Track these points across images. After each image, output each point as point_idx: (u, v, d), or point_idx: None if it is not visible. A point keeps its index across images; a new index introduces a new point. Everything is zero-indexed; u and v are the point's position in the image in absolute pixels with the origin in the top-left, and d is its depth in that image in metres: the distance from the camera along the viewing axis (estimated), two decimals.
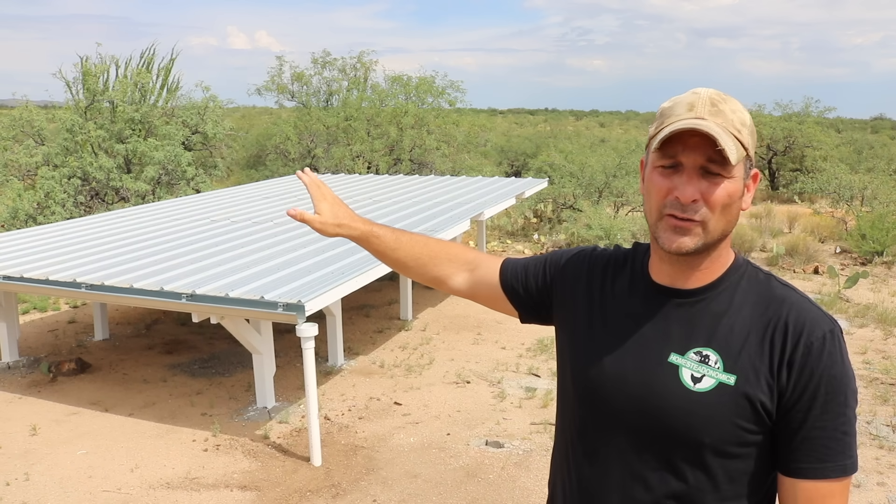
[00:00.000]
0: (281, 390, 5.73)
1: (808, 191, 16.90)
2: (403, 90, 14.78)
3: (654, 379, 1.27)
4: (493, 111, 67.59)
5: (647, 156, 1.30)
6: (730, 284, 1.30)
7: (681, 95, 1.27)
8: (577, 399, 1.39)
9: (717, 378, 1.22)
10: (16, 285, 5.49)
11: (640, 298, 1.35)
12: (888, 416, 5.20)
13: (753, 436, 1.22)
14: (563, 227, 11.94)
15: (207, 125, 13.18)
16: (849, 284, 8.51)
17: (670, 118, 1.23)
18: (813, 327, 1.22)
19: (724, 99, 1.23)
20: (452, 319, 7.70)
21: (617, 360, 1.32)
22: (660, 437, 1.26)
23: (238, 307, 4.66)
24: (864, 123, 50.21)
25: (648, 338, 1.31)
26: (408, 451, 4.82)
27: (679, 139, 1.21)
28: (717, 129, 1.18)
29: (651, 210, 1.27)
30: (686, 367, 1.25)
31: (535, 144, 21.78)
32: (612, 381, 1.32)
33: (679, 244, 1.23)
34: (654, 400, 1.26)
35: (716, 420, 1.21)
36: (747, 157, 1.24)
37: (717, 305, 1.28)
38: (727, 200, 1.22)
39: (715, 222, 1.22)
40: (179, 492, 4.31)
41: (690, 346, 1.26)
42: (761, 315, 1.25)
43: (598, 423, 1.34)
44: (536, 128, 41.39)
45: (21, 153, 12.33)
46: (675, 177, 1.22)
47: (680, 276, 1.31)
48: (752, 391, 1.21)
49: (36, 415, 5.41)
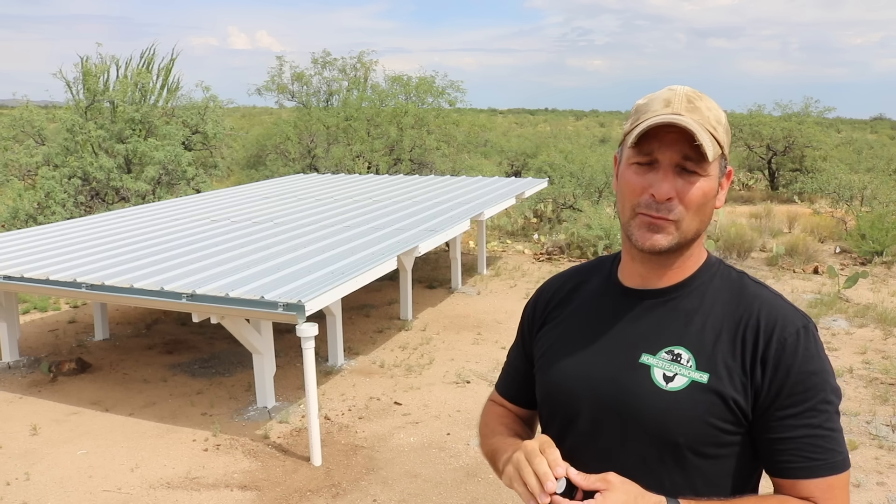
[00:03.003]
0: (281, 390, 5.74)
1: (808, 191, 16.90)
2: (403, 90, 14.77)
3: (627, 380, 1.25)
4: (493, 111, 67.62)
5: (622, 152, 1.28)
6: (701, 283, 1.28)
7: (656, 92, 1.25)
8: (551, 407, 1.37)
9: (689, 377, 1.20)
10: (16, 285, 5.50)
11: (609, 302, 1.34)
12: (888, 416, 5.21)
13: (729, 436, 1.20)
14: (563, 227, 11.94)
15: (207, 125, 13.19)
16: (848, 284, 8.51)
17: (646, 114, 1.21)
18: (785, 324, 1.20)
19: (699, 96, 1.23)
20: (452, 319, 7.70)
21: (589, 364, 1.30)
22: (634, 438, 1.23)
23: (238, 307, 4.66)
24: (863, 123, 50.22)
25: (619, 340, 1.29)
26: (408, 450, 4.82)
27: (655, 136, 1.19)
28: (695, 125, 1.17)
29: (624, 208, 1.25)
30: (658, 367, 1.23)
31: (535, 144, 21.77)
32: (584, 385, 1.29)
33: (653, 242, 1.22)
34: (628, 401, 1.23)
35: (689, 419, 1.19)
36: (722, 156, 1.24)
37: (689, 304, 1.27)
38: (702, 199, 1.21)
39: (689, 221, 1.21)
40: (179, 491, 4.31)
41: (662, 346, 1.24)
42: (733, 313, 1.24)
43: (574, 428, 1.31)
44: (536, 128, 41.39)
45: (21, 153, 12.34)
46: (650, 174, 1.21)
47: (652, 276, 1.30)
48: (725, 389, 1.18)
49: (36, 415, 5.41)
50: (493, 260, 10.66)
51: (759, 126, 19.58)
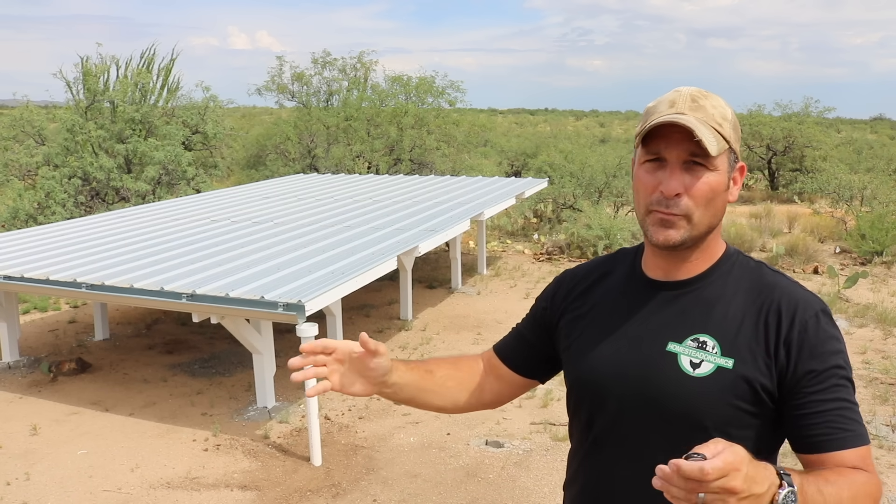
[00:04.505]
0: (281, 390, 5.74)
1: (808, 191, 16.90)
2: (403, 90, 14.77)
3: (654, 368, 1.30)
4: (493, 111, 67.60)
5: (636, 154, 1.34)
6: (721, 273, 1.34)
7: (665, 94, 1.31)
8: (580, 398, 1.43)
9: (715, 362, 1.26)
10: (16, 285, 5.50)
11: (634, 293, 1.40)
12: (888, 415, 5.21)
13: (752, 418, 1.26)
14: (563, 227, 11.94)
15: (208, 125, 13.19)
16: (848, 284, 8.52)
17: (653, 115, 1.27)
18: (805, 307, 1.26)
19: (705, 95, 1.28)
20: (452, 319, 7.70)
21: (617, 353, 1.36)
22: (663, 423, 1.29)
23: (238, 307, 4.66)
24: (863, 123, 50.23)
25: (646, 329, 1.35)
26: (408, 450, 4.82)
27: (662, 135, 1.25)
28: (696, 122, 1.22)
29: (639, 206, 1.32)
30: (684, 354, 1.29)
31: (535, 144, 21.77)
32: (614, 373, 1.35)
33: (666, 237, 1.28)
34: (656, 388, 1.29)
35: (717, 403, 1.25)
36: (731, 150, 1.29)
37: (711, 293, 1.32)
38: (710, 193, 1.26)
39: (700, 215, 1.27)
40: (179, 492, 4.32)
41: (687, 334, 1.30)
42: (754, 301, 1.29)
43: (603, 414, 1.37)
44: (536, 128, 41.38)
45: (21, 153, 12.34)
46: (660, 172, 1.27)
47: (672, 269, 1.35)
48: (750, 373, 1.24)
49: (36, 415, 5.42)
50: (493, 260, 10.66)
51: (759, 126, 19.59)
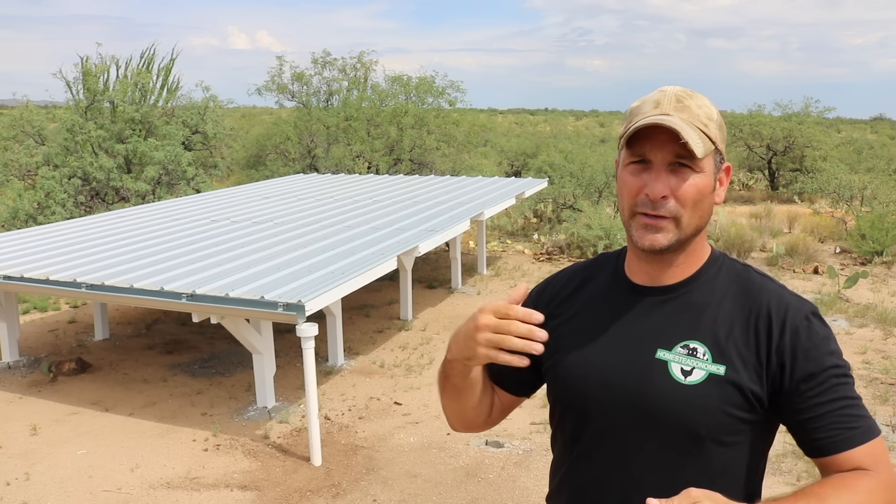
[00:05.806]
0: (281, 390, 5.74)
1: (808, 191, 16.89)
2: (403, 90, 14.76)
3: (644, 377, 1.26)
4: (493, 111, 67.61)
5: (620, 156, 1.31)
6: (708, 278, 1.31)
7: (649, 94, 1.28)
8: (567, 407, 1.37)
9: (707, 369, 1.22)
10: (16, 285, 5.50)
11: (618, 300, 1.35)
12: (888, 416, 5.20)
13: (744, 424, 1.23)
14: (563, 227, 11.94)
15: (207, 125, 13.18)
16: (848, 284, 8.51)
17: (637, 116, 1.24)
18: (795, 312, 1.24)
19: (690, 95, 1.25)
20: (452, 319, 7.70)
21: (604, 362, 1.30)
22: (655, 432, 1.25)
23: (238, 307, 4.66)
24: (863, 123, 50.23)
25: (633, 336, 1.30)
26: (408, 450, 4.82)
27: (646, 136, 1.21)
28: (681, 123, 1.19)
29: (623, 209, 1.28)
30: (675, 362, 1.25)
31: (535, 144, 21.76)
32: (601, 382, 1.29)
33: (652, 241, 1.24)
34: (647, 397, 1.25)
35: (711, 411, 1.21)
36: (717, 151, 1.25)
37: (698, 298, 1.29)
38: (697, 195, 1.23)
39: (688, 217, 1.23)
40: (179, 492, 4.31)
41: (677, 341, 1.26)
42: (743, 305, 1.27)
43: (590, 425, 1.32)
44: (536, 128, 41.38)
45: (21, 153, 12.34)
46: (645, 174, 1.23)
47: (658, 273, 1.31)
48: (741, 380, 1.21)
49: (36, 415, 5.41)
50: (493, 260, 10.66)
51: (759, 126, 19.57)
